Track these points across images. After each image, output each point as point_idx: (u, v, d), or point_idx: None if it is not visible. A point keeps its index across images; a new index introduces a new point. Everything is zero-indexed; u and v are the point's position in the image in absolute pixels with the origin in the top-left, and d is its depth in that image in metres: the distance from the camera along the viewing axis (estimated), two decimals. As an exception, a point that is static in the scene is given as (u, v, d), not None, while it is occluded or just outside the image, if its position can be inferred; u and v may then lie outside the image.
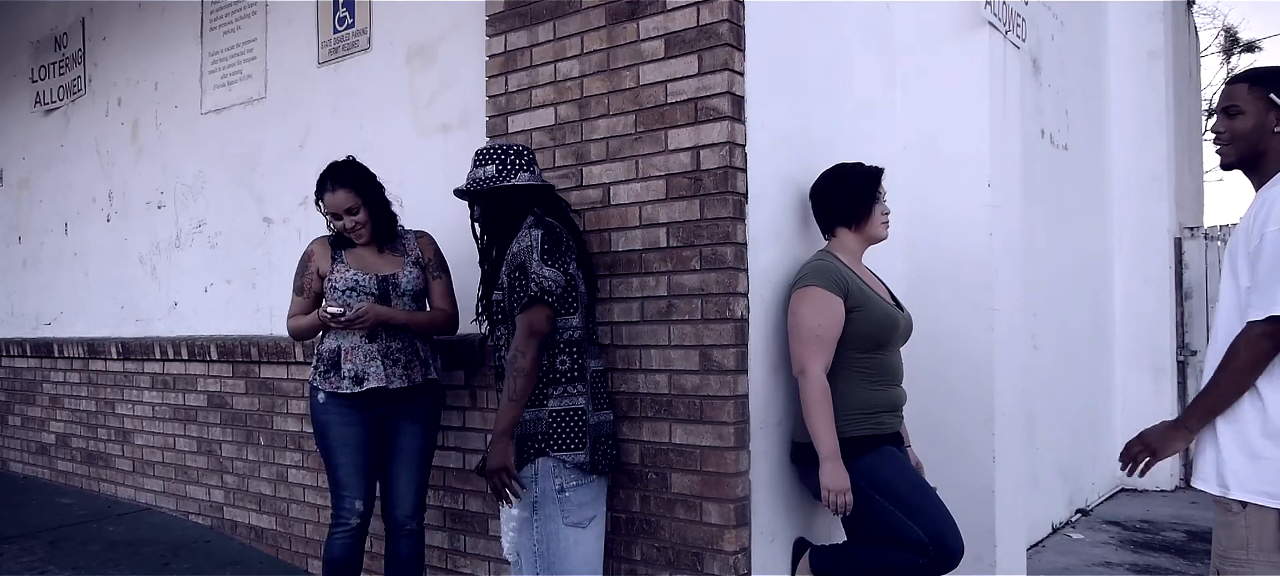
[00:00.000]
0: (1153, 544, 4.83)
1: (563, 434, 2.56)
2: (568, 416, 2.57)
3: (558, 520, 2.56)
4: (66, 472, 5.41)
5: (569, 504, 2.56)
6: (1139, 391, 6.19)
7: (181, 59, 4.82)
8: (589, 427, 2.59)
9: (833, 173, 2.88)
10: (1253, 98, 2.15)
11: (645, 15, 2.84)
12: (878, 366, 2.74)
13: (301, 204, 4.19)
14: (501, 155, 2.68)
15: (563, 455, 2.55)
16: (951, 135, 3.45)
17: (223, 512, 4.40)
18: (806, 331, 2.67)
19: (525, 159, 2.70)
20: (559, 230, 2.62)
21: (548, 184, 2.77)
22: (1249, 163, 2.19)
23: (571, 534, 2.56)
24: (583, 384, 2.60)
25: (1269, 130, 2.13)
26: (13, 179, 6.10)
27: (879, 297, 2.78)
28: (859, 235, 2.85)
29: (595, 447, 2.61)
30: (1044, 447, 4.91)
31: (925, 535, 2.56)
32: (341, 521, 3.02)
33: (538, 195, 2.72)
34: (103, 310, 5.31)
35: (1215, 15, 21.85)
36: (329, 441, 3.03)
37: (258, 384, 4.22)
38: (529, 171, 2.69)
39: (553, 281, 2.52)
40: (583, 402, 2.59)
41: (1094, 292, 6.00)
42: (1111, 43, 6.36)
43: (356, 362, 2.98)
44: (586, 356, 2.63)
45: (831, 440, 2.60)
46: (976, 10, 3.39)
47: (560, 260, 2.55)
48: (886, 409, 2.75)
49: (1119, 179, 6.32)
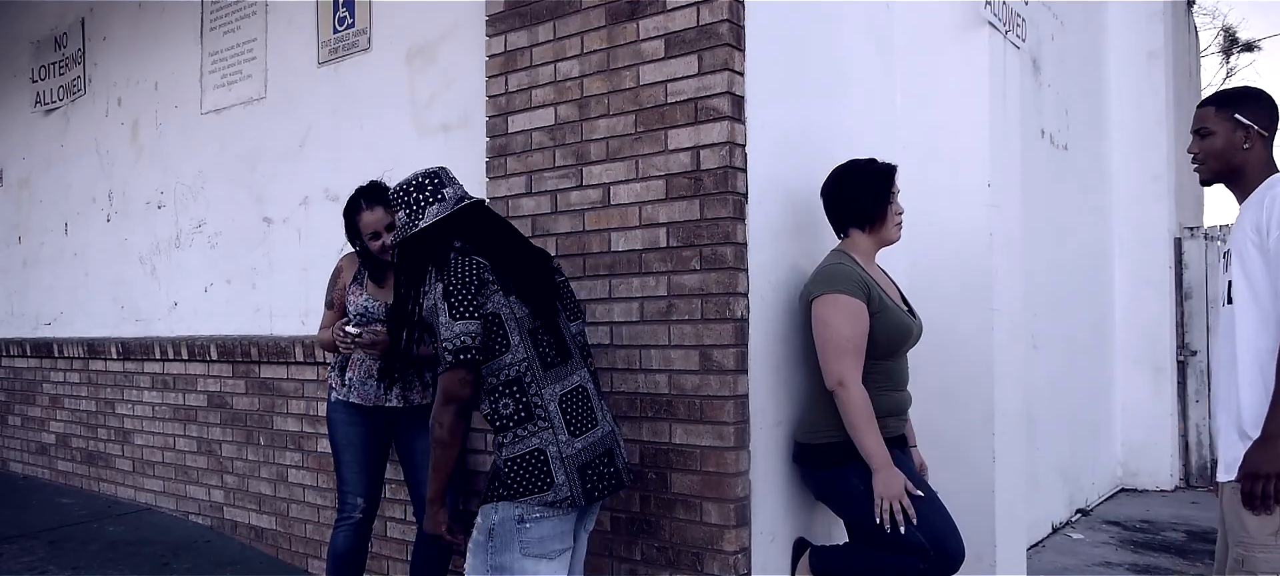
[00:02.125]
0: (1153, 544, 4.83)
1: (523, 480, 2.26)
2: (525, 461, 2.26)
3: (515, 550, 2.28)
4: (66, 472, 5.41)
5: (528, 535, 2.27)
6: (1139, 391, 6.18)
7: (181, 59, 4.82)
8: (563, 460, 2.28)
9: (844, 171, 2.80)
10: (1220, 119, 2.32)
11: (645, 15, 2.84)
12: (886, 371, 2.70)
13: (301, 204, 4.19)
14: (406, 196, 2.38)
15: (530, 499, 2.25)
16: (951, 135, 3.45)
17: (223, 512, 4.40)
18: (843, 342, 2.58)
19: (429, 189, 2.37)
20: (473, 266, 2.28)
21: (468, 201, 2.41)
22: (1227, 178, 2.35)
23: (529, 564, 2.28)
24: (535, 422, 2.28)
25: (1238, 147, 2.30)
26: (13, 179, 6.10)
27: (895, 304, 2.73)
28: (873, 237, 2.78)
29: (583, 475, 2.30)
30: (1044, 447, 4.91)
31: (926, 540, 2.54)
32: (345, 515, 3.11)
33: (454, 223, 2.37)
34: (103, 310, 5.31)
35: (1215, 15, 21.85)
36: (336, 439, 3.14)
37: (258, 384, 4.22)
38: (438, 202, 2.37)
39: (465, 335, 2.22)
40: (538, 442, 2.27)
41: (1094, 293, 6.00)
42: (1111, 43, 6.36)
43: (358, 373, 3.09)
44: (539, 387, 2.30)
45: (882, 451, 2.55)
46: (976, 10, 3.39)
47: (473, 306, 2.23)
48: (890, 413, 2.72)
49: (1119, 179, 6.32)
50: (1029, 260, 4.06)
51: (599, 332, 2.91)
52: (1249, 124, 2.28)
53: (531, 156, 3.08)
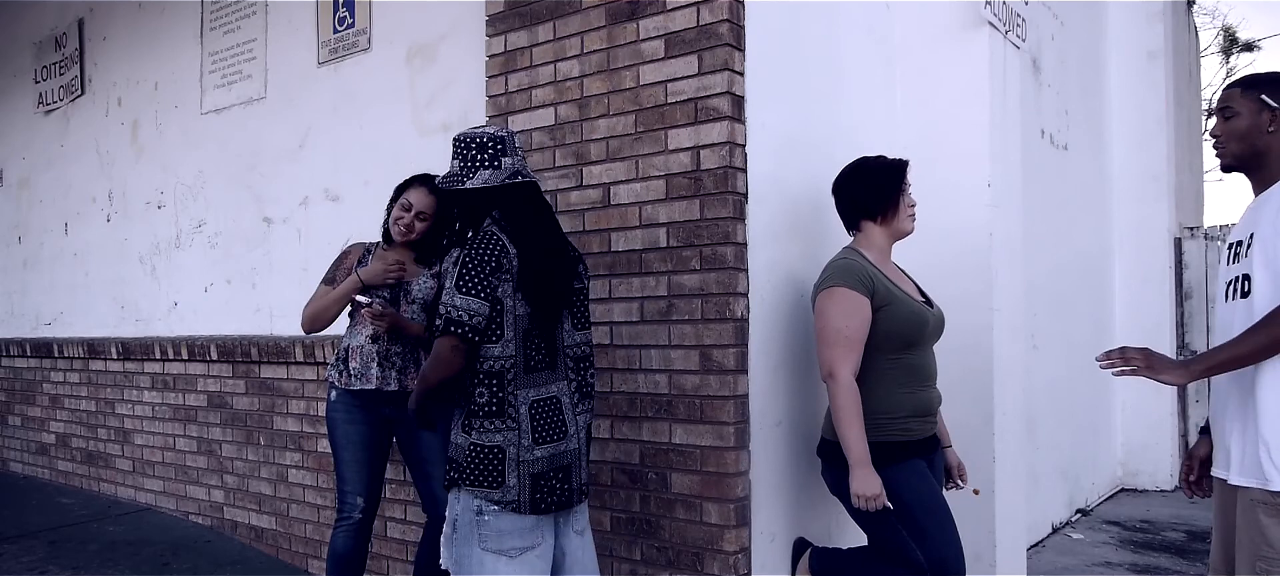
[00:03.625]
0: (1153, 544, 4.83)
1: (477, 470, 2.25)
2: (483, 453, 2.24)
3: (473, 543, 2.27)
4: (66, 472, 5.41)
5: (488, 528, 2.25)
6: (1139, 391, 6.16)
7: (181, 59, 4.83)
8: (519, 464, 2.25)
9: (856, 166, 2.77)
10: (1246, 99, 2.20)
11: (645, 15, 2.84)
12: (907, 367, 2.63)
13: (301, 204, 4.19)
14: (464, 149, 2.34)
15: (476, 492, 2.25)
16: (951, 135, 3.45)
17: (223, 512, 4.40)
18: (833, 333, 2.55)
19: (489, 153, 2.31)
20: (497, 245, 2.25)
21: (520, 182, 2.33)
22: (1248, 164, 2.23)
23: (489, 559, 2.26)
24: (505, 419, 2.25)
25: (1263, 131, 2.18)
26: (13, 179, 6.10)
27: (906, 295, 2.67)
28: (886, 229, 2.73)
29: (536, 485, 2.26)
30: (1044, 447, 4.91)
31: (927, 560, 2.51)
32: (345, 516, 3.10)
33: (500, 195, 2.33)
34: (103, 310, 5.32)
35: (1215, 15, 21.87)
36: (335, 438, 3.13)
37: (258, 384, 4.22)
38: (492, 167, 2.31)
39: (464, 310, 2.19)
40: (502, 439, 2.24)
41: (1094, 292, 6.00)
42: (1111, 43, 6.36)
43: (359, 361, 3.07)
44: (516, 387, 2.26)
45: (862, 447, 2.50)
46: (976, 10, 3.39)
47: (483, 285, 2.21)
48: (914, 413, 2.63)
49: (1119, 179, 6.32)
50: (1029, 260, 4.06)
51: (599, 332, 2.91)
52: (1276, 106, 2.16)
53: (531, 156, 3.08)
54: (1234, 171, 2.27)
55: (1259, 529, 2.04)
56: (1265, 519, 2.03)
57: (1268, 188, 2.18)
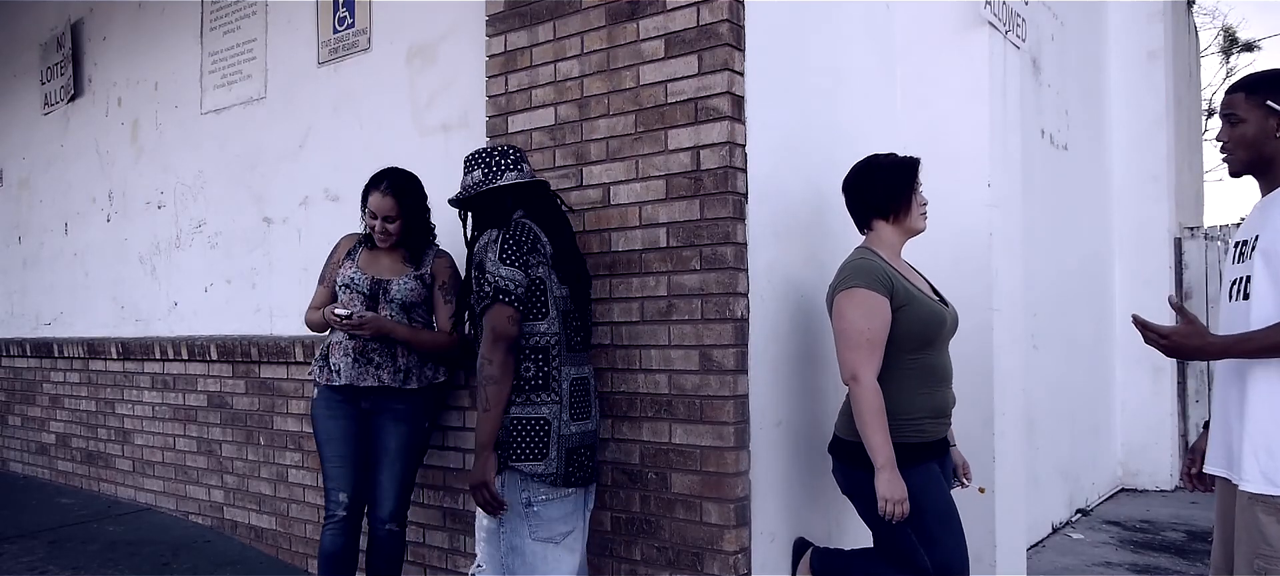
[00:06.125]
0: (1153, 544, 4.83)
1: (523, 443, 2.43)
2: (529, 425, 2.44)
3: (524, 534, 2.45)
4: (66, 472, 5.41)
5: (537, 519, 2.45)
6: (1139, 391, 6.18)
7: (181, 59, 4.82)
8: (559, 438, 2.46)
9: (867, 165, 2.73)
10: (1251, 105, 2.17)
11: (645, 15, 2.84)
12: (924, 367, 2.59)
13: (301, 204, 4.19)
14: (487, 159, 2.61)
15: (522, 466, 2.43)
16: (951, 135, 3.45)
17: (223, 512, 4.40)
18: (856, 335, 2.50)
19: (511, 159, 2.61)
20: (531, 231, 2.51)
21: (539, 181, 2.67)
22: (1256, 168, 2.21)
23: (540, 548, 2.45)
24: (551, 393, 2.47)
25: (1271, 135, 2.15)
26: (13, 179, 6.10)
27: (923, 294, 2.65)
28: (898, 228, 2.70)
29: (569, 459, 2.48)
30: (1044, 447, 4.91)
31: (933, 564, 2.50)
32: (330, 515, 3.12)
33: (526, 193, 2.63)
34: (103, 310, 5.31)
35: (1215, 15, 21.88)
36: (318, 436, 3.17)
37: (258, 384, 4.22)
38: (516, 170, 2.60)
39: (510, 280, 2.41)
40: (548, 412, 2.46)
41: (1094, 292, 6.00)
42: (1111, 43, 6.36)
43: (337, 357, 3.13)
44: (560, 363, 2.49)
45: (888, 450, 2.45)
46: (976, 10, 3.39)
47: (521, 260, 2.44)
48: (930, 414, 2.60)
49: (1119, 179, 6.32)
50: (1029, 260, 4.06)
51: (599, 332, 2.91)
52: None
53: (531, 156, 3.08)
54: (1243, 176, 2.24)
55: (1257, 527, 2.05)
56: (1263, 517, 2.04)
57: (1275, 188, 2.16)
